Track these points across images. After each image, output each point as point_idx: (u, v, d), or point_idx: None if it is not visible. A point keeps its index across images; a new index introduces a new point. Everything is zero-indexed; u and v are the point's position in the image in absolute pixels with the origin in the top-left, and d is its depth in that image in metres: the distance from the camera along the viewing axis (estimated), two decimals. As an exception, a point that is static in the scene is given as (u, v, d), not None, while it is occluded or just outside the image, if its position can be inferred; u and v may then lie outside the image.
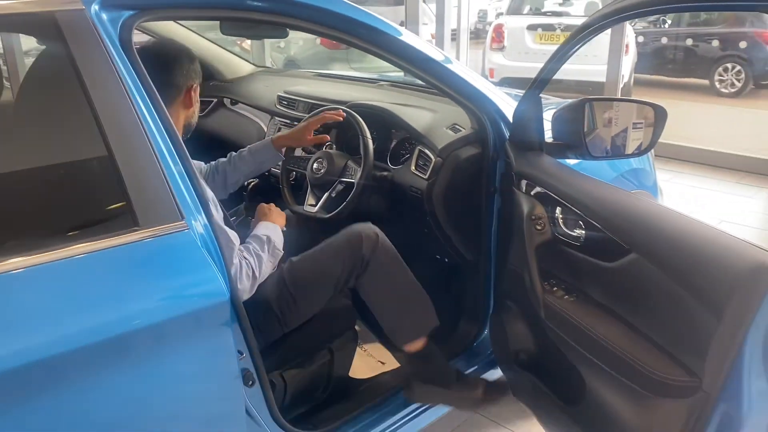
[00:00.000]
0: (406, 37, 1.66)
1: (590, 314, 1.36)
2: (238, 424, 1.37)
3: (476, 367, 1.97)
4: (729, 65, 8.96)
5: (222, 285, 1.22)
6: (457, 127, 1.92)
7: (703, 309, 1.08)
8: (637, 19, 9.69)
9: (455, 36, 6.70)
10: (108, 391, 1.11)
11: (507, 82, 7.70)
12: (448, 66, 1.73)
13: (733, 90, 8.96)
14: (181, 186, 1.19)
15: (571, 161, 1.80)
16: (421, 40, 1.72)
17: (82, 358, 1.06)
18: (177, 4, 1.35)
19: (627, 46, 7.26)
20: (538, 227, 1.53)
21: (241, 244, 1.50)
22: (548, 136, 1.74)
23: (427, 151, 1.89)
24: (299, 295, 1.62)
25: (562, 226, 1.50)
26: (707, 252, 1.10)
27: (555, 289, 1.50)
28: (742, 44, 8.70)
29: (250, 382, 1.43)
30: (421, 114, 2.05)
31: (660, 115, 1.61)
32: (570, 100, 1.76)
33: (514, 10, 8.04)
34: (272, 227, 1.63)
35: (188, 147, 1.27)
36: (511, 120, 1.78)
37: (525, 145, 1.70)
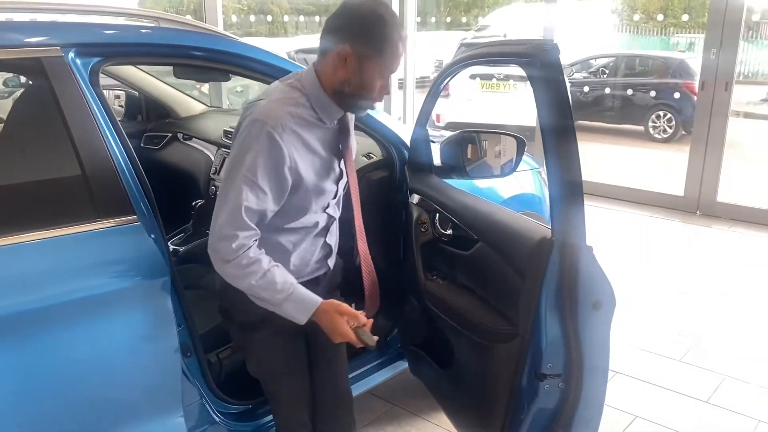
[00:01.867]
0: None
1: (455, 293, 1.77)
2: (175, 386, 1.71)
3: (387, 357, 2.33)
4: (661, 113, 9.71)
5: (165, 267, 1.59)
6: (371, 155, 2.33)
7: (515, 274, 1.49)
8: (572, 72, 10.45)
9: (402, 85, 7.23)
10: (65, 349, 1.48)
11: (452, 126, 8.26)
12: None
13: (665, 135, 9.69)
14: (134, 188, 1.56)
15: (479, 182, 2.25)
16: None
17: (47, 316, 1.42)
18: (135, 53, 1.75)
19: (562, 94, 7.92)
20: (423, 229, 1.94)
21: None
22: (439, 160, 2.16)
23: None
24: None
25: (440, 228, 1.90)
26: (516, 232, 1.53)
27: (434, 277, 1.90)
28: (676, 95, 9.45)
29: (188, 354, 1.78)
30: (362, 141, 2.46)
31: (520, 145, 2.05)
32: (454, 133, 2.19)
33: (459, 60, 8.66)
34: (297, 314, 1.52)
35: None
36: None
37: (419, 168, 2.12)
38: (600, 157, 8.33)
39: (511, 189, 2.68)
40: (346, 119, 1.67)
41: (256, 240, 1.50)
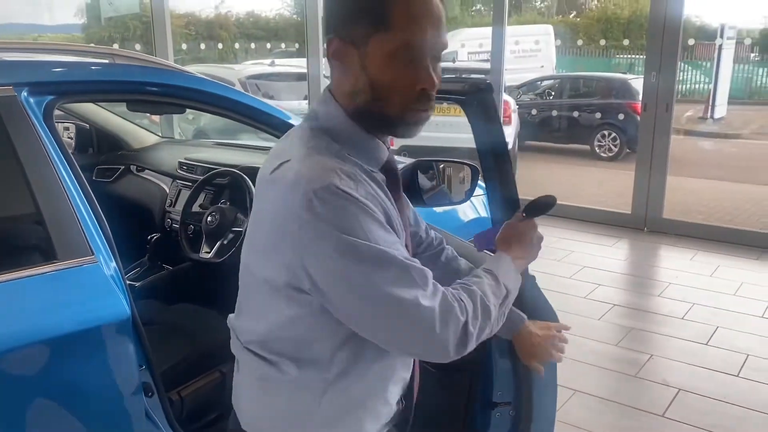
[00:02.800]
0: (272, 110, 2.09)
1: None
2: (138, 428, 1.67)
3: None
4: (606, 132, 10.03)
5: (125, 307, 1.56)
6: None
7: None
8: (519, 95, 10.72)
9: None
10: (21, 395, 1.43)
11: (405, 150, 8.34)
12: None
13: (610, 154, 10.00)
14: (90, 227, 1.53)
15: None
16: (293, 117, 2.16)
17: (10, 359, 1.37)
18: (89, 90, 1.73)
19: (509, 117, 8.10)
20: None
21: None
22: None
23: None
24: None
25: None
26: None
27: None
28: (620, 116, 9.77)
29: (150, 393, 1.74)
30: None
31: (474, 172, 2.09)
32: (410, 161, 2.23)
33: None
34: (514, 275, 1.19)
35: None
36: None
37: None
38: (548, 177, 8.55)
39: (470, 213, 2.73)
40: (392, 158, 1.15)
41: (436, 284, 1.05)
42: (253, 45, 14.28)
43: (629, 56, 15.20)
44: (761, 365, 3.22)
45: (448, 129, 8.13)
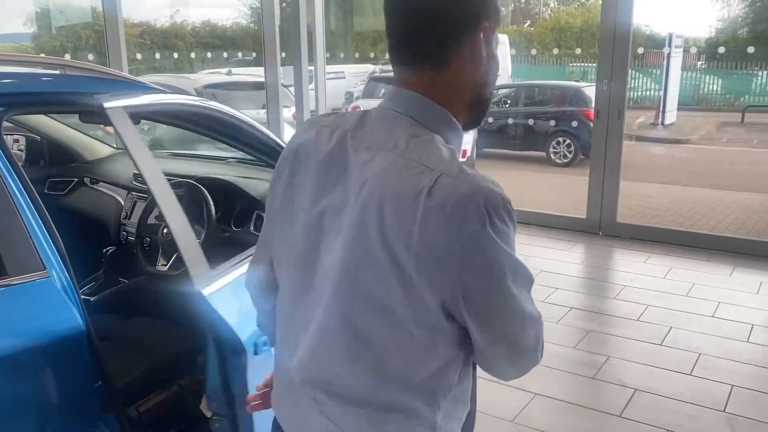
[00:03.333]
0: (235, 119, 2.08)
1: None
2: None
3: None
4: (561, 139, 10.24)
5: (79, 322, 1.53)
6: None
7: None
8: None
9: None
10: None
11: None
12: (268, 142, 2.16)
13: (565, 160, 10.21)
14: (43, 243, 1.50)
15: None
16: (256, 128, 2.15)
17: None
18: (39, 102, 1.69)
19: (468, 124, 8.21)
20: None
21: None
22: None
23: (263, 215, 2.29)
24: None
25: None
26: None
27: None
28: (574, 123, 9.98)
29: (107, 410, 1.70)
30: (261, 184, 2.46)
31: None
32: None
33: (369, 93, 8.83)
34: None
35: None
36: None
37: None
38: (506, 183, 8.65)
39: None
40: None
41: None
42: (209, 54, 14.14)
43: (582, 64, 15.57)
44: (712, 363, 3.33)
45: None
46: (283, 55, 6.98)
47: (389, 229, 0.93)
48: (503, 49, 15.48)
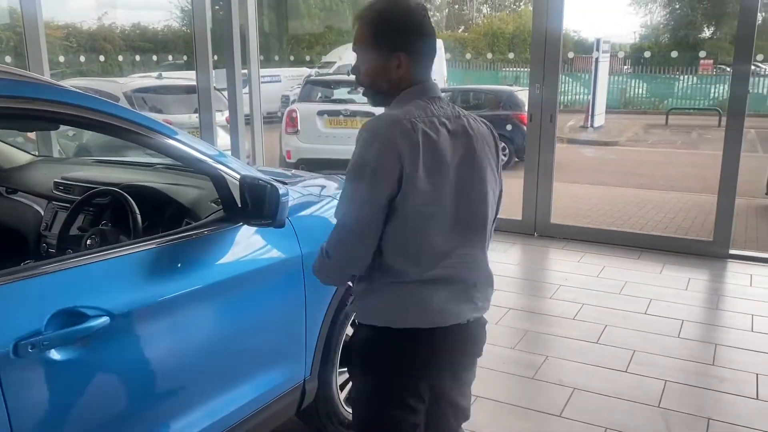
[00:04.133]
0: (155, 125, 1.97)
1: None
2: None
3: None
4: (496, 142, 10.37)
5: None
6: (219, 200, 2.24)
7: None
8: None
9: (249, 120, 7.14)
10: None
11: (303, 163, 8.27)
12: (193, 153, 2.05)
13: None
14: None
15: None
16: (183, 137, 2.04)
17: None
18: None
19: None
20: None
21: None
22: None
23: (192, 222, 2.19)
24: None
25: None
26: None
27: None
28: (508, 126, 10.14)
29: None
30: (189, 191, 2.36)
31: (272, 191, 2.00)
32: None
33: (305, 97, 8.74)
34: None
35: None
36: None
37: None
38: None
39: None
40: None
41: None
42: (138, 57, 13.71)
43: (515, 69, 15.93)
44: (646, 360, 3.41)
45: (346, 141, 8.16)
46: (215, 58, 6.81)
47: (492, 153, 1.67)
48: (439, 53, 15.73)
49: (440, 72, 15.76)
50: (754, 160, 9.43)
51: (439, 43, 16.41)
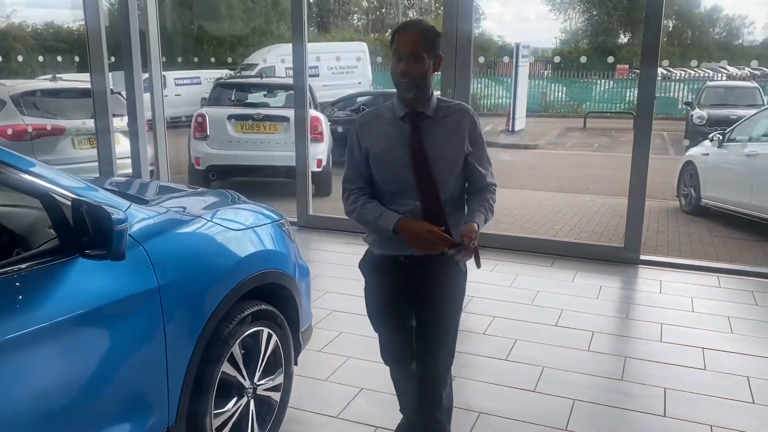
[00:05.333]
0: None
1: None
2: None
3: None
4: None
5: None
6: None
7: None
8: (334, 111, 10.66)
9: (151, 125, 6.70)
10: None
11: (213, 170, 7.86)
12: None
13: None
14: None
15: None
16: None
17: None
18: None
19: (321, 134, 7.95)
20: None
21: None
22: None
23: (23, 252, 1.86)
24: None
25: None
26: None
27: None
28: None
29: None
30: (25, 215, 2.02)
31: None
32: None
33: (215, 101, 8.32)
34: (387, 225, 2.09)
35: None
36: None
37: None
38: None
39: (248, 247, 2.44)
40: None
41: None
42: (41, 58, 12.87)
43: (438, 72, 15.86)
44: (555, 377, 3.28)
45: (259, 147, 7.81)
46: (112, 59, 6.36)
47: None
48: (364, 56, 15.53)
49: (365, 75, 15.62)
50: (666, 162, 9.69)
51: (363, 46, 16.32)
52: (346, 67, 15.31)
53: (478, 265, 2.07)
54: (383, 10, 28.56)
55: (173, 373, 2.05)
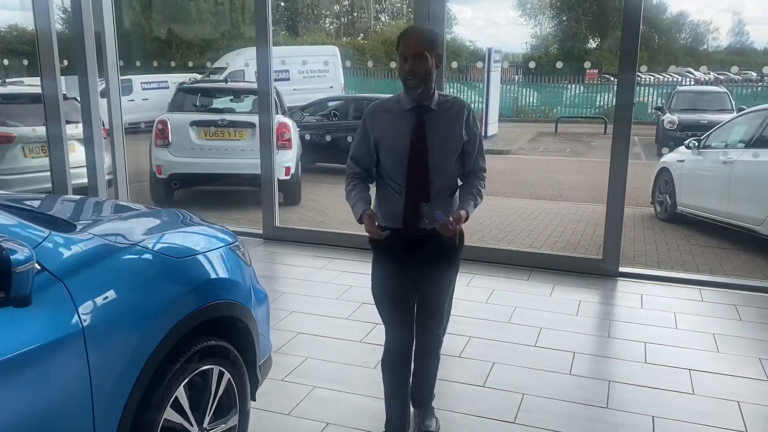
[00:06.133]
0: None
1: None
2: None
3: None
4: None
5: None
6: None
7: None
8: (303, 116, 10.36)
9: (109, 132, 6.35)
10: None
11: (176, 178, 7.51)
12: None
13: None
14: None
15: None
16: None
17: None
18: None
19: (289, 140, 7.66)
20: None
21: None
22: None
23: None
24: None
25: None
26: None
27: None
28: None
29: None
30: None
31: None
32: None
33: (177, 106, 7.98)
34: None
35: None
36: None
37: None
38: (331, 201, 8.24)
39: (194, 277, 2.17)
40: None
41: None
42: (6, 61, 12.35)
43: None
44: (536, 405, 3.05)
45: (224, 154, 7.48)
46: (65, 62, 6.00)
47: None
48: (335, 60, 15.25)
49: (337, 79, 15.34)
50: (639, 167, 9.62)
51: (335, 50, 16.05)
52: (317, 71, 15.02)
53: (460, 246, 2.57)
54: (355, 14, 28.34)
55: (103, 426, 1.76)
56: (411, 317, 2.60)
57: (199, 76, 13.84)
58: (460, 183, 2.55)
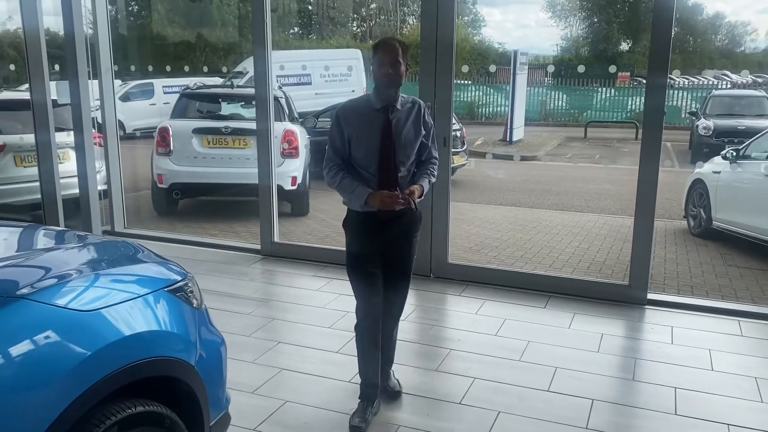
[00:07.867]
0: None
1: None
2: None
3: None
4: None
5: None
6: None
7: None
8: (316, 123, 9.96)
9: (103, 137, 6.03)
10: None
11: (177, 187, 7.18)
12: None
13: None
14: None
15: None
16: None
17: None
18: None
19: (296, 149, 7.28)
20: None
21: None
22: None
23: None
24: None
25: None
26: None
27: None
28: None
29: None
30: None
31: None
32: None
33: (180, 113, 7.64)
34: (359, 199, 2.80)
35: None
36: None
37: None
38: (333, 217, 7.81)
39: (109, 333, 1.77)
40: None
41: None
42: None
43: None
44: (544, 471, 2.59)
45: (227, 163, 7.13)
46: (56, 68, 5.70)
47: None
48: (358, 64, 14.86)
49: (359, 83, 14.94)
50: (671, 175, 9.03)
51: (357, 53, 15.68)
52: (339, 75, 14.65)
53: (415, 207, 2.86)
54: (383, 17, 27.97)
55: None
56: (380, 290, 2.91)
57: (221, 80, 13.58)
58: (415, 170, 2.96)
